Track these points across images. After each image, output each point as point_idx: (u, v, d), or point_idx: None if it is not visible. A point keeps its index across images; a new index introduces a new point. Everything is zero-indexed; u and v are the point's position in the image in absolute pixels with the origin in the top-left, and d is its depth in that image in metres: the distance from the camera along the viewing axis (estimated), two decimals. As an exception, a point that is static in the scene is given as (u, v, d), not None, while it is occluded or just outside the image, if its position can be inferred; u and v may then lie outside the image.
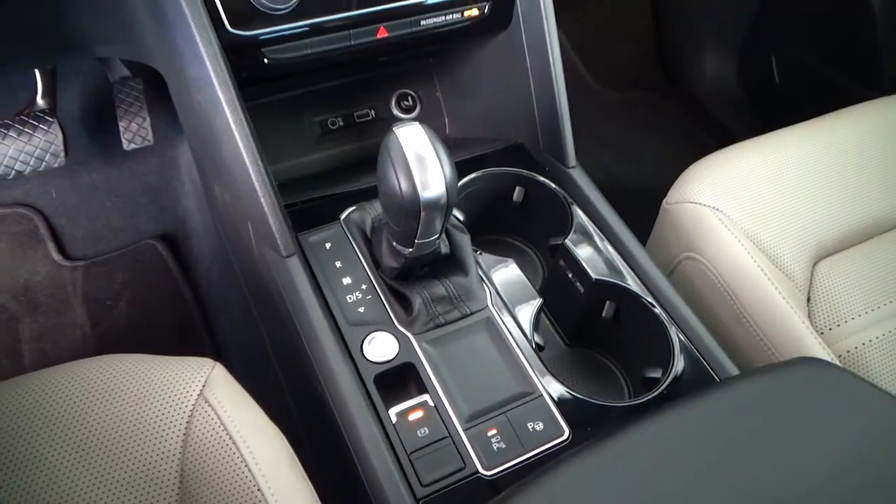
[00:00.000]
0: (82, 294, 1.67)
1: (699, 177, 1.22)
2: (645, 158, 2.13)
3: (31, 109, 1.62)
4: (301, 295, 0.93)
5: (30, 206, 1.75)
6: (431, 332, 0.92)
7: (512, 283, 1.00)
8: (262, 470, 0.79)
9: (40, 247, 1.71)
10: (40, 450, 0.79)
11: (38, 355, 1.58)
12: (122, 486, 0.78)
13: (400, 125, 0.79)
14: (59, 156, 1.62)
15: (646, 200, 1.36)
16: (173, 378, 0.86)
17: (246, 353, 1.57)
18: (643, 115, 2.26)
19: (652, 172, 2.05)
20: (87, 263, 1.71)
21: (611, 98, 2.26)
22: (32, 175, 1.74)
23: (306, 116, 1.30)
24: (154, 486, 0.79)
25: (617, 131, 2.19)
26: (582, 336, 1.08)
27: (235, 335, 1.63)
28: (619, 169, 2.08)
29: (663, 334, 0.97)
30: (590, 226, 1.08)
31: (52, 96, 1.65)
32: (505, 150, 1.22)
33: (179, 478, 0.80)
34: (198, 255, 1.76)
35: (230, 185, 1.04)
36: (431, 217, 0.80)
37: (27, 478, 0.76)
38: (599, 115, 2.22)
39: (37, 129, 1.59)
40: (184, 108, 1.22)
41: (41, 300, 1.66)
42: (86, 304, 1.66)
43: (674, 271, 1.22)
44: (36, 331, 1.61)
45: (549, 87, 1.14)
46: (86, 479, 0.77)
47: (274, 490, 0.78)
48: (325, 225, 1.03)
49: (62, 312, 1.64)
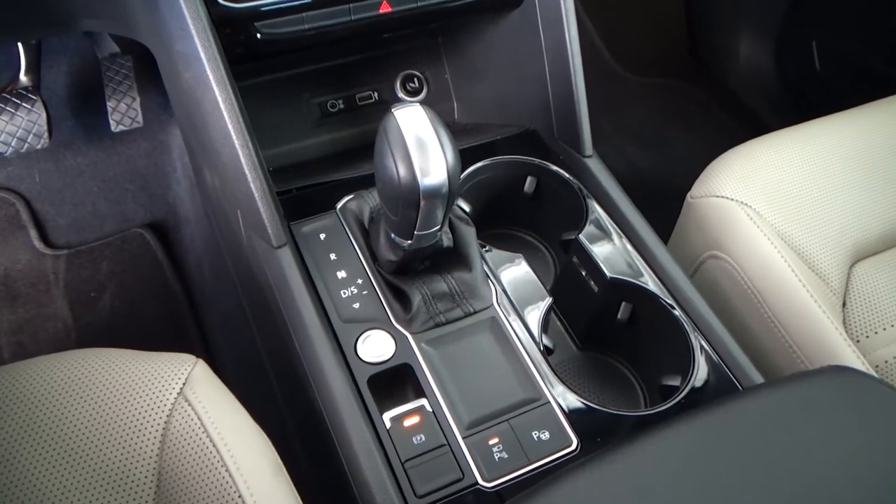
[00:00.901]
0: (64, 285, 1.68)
1: (727, 169, 1.21)
2: (669, 148, 2.11)
3: (14, 87, 1.62)
4: (292, 288, 0.93)
5: (11, 189, 1.76)
6: (431, 331, 0.92)
7: (520, 281, 0.99)
8: (243, 476, 0.79)
9: (21, 233, 1.72)
10: (9, 445, 0.79)
11: (15, 348, 1.59)
12: (94, 487, 0.78)
13: (400, 106, 0.79)
14: (42, 137, 1.62)
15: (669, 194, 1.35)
16: (152, 375, 0.86)
17: (237, 350, 1.57)
18: (669, 102, 2.24)
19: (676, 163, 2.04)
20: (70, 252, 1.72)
21: (634, 83, 2.25)
22: (14, 157, 1.75)
23: (304, 98, 1.29)
24: (129, 488, 0.79)
25: (640, 119, 2.17)
26: (595, 339, 1.07)
27: (226, 331, 1.63)
28: (641, 159, 2.07)
29: (683, 339, 0.96)
30: (606, 220, 1.07)
31: (36, 73, 1.66)
32: (516, 136, 1.21)
33: (156, 480, 0.80)
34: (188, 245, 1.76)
35: (219, 170, 1.04)
36: (432, 206, 0.80)
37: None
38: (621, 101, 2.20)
39: (19, 107, 1.60)
40: (173, 86, 1.22)
41: (21, 290, 1.66)
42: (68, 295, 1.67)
43: (697, 271, 1.21)
44: (14, 323, 1.62)
45: (564, 68, 1.13)
46: (57, 478, 0.78)
47: (256, 497, 0.78)
48: (319, 214, 1.03)
49: (43, 304, 1.65)
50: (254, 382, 1.38)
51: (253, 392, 1.09)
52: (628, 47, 2.25)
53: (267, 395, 1.29)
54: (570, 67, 1.12)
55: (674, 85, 2.28)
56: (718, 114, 2.23)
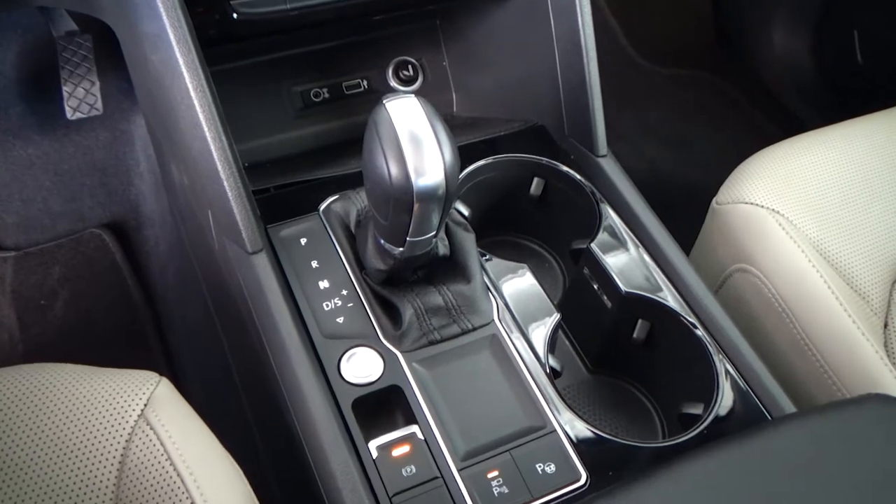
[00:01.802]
0: (11, 291, 1.68)
1: (758, 172, 1.21)
2: (693, 148, 2.12)
3: (-43, 68, 1.62)
4: (268, 299, 0.93)
5: (-49, 183, 1.76)
6: (424, 349, 0.92)
7: (524, 294, 0.99)
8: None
9: (-38, 233, 1.72)
10: (-54, 476, 0.79)
11: (-45, 363, 1.59)
12: (42, 524, 0.78)
13: (391, 97, 0.79)
14: (-12, 124, 1.62)
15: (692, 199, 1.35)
16: (109, 394, 0.86)
17: (204, 368, 1.57)
18: (694, 97, 2.25)
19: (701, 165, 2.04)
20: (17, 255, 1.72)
21: (655, 74, 2.26)
22: (-44, 146, 1.74)
23: (284, 86, 1.30)
24: (81, 525, 0.79)
25: (660, 114, 2.18)
26: (607, 361, 1.08)
27: (193, 346, 1.63)
28: (661, 160, 2.08)
29: (706, 362, 0.96)
30: (622, 227, 1.08)
31: (-17, 53, 1.66)
32: (522, 132, 1.21)
33: (112, 515, 0.80)
34: (151, 248, 1.76)
35: (188, 165, 1.04)
36: (427, 210, 0.80)
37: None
38: (641, 94, 2.21)
39: (-37, 91, 1.60)
40: (137, 70, 1.22)
41: (-38, 297, 1.66)
42: (15, 302, 1.66)
43: (722, 286, 1.21)
44: (-46, 333, 1.62)
45: (577, 56, 1.13)
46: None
47: (225, 534, 0.78)
48: (300, 216, 1.03)
49: (-14, 312, 1.65)
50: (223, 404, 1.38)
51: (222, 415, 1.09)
52: (649, 34, 2.26)
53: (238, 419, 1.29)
54: (584, 56, 1.13)
55: (699, 77, 2.28)
56: (748, 110, 2.24)
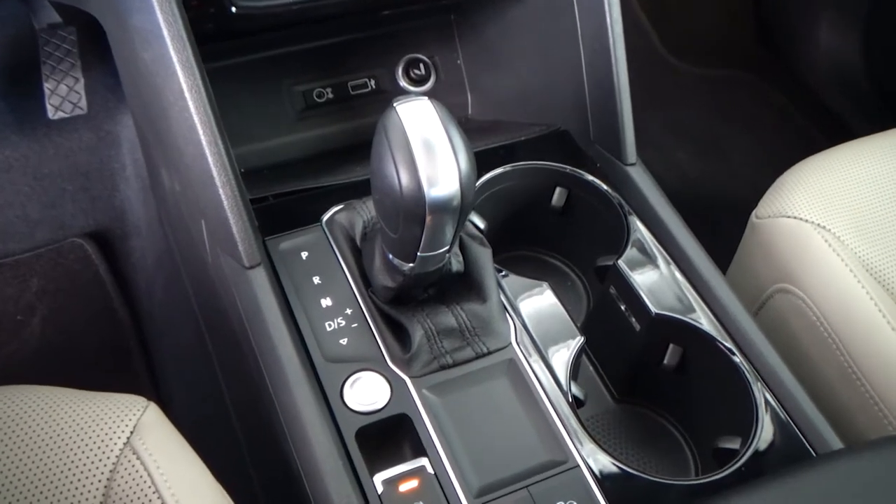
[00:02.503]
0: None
1: (801, 183, 1.21)
2: (731, 156, 2.11)
3: (-69, 62, 1.64)
4: (265, 318, 0.93)
5: (-79, 187, 1.77)
6: (435, 374, 0.92)
7: (545, 315, 0.99)
8: (201, 547, 0.79)
9: (-67, 242, 1.73)
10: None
11: (-77, 382, 1.60)
12: (18, 560, 0.78)
13: (403, 99, 0.80)
14: (-37, 124, 1.64)
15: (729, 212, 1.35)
16: (92, 420, 0.86)
17: (194, 392, 1.57)
18: (731, 99, 2.25)
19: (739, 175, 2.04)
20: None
21: (691, 76, 2.26)
22: (-73, 147, 1.76)
23: (285, 85, 1.31)
24: (60, 562, 0.79)
25: (696, 119, 2.18)
26: (635, 389, 1.07)
27: (182, 368, 1.63)
28: (696, 168, 2.07)
29: (744, 391, 0.96)
30: (652, 243, 1.08)
31: (-41, 46, 1.67)
32: (544, 138, 1.21)
33: (94, 552, 0.81)
34: (138, 260, 1.77)
35: (180, 171, 1.05)
36: (440, 223, 0.80)
37: None
38: (673, 96, 2.21)
39: (-64, 88, 1.61)
40: (126, 67, 1.23)
41: (-69, 311, 1.67)
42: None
43: (762, 308, 1.21)
44: (-77, 350, 1.63)
45: (604, 56, 1.14)
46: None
47: (216, 574, 0.78)
48: (301, 228, 1.04)
49: (-42, 328, 1.66)
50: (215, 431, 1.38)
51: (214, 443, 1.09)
52: (682, 30, 2.27)
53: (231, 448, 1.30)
54: (612, 54, 1.13)
55: (737, 77, 2.28)
56: (791, 115, 2.23)
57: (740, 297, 1.03)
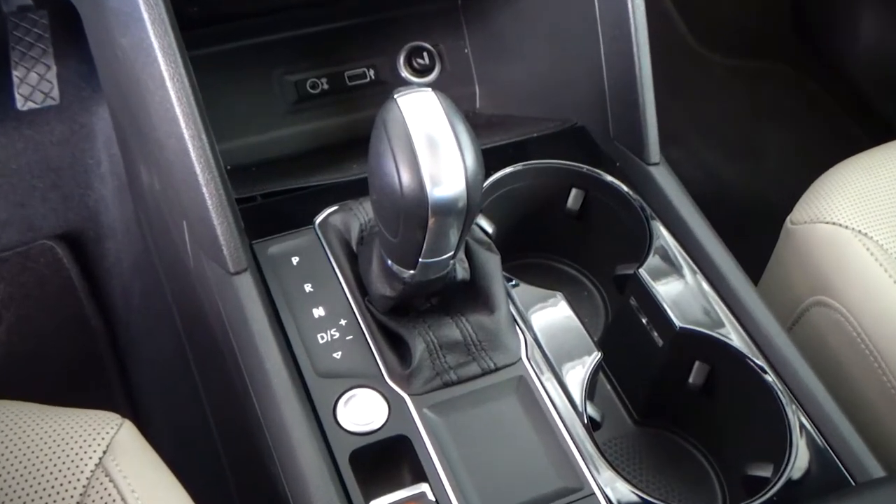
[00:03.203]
0: (-54, 313, 1.69)
1: (841, 185, 1.21)
2: (763, 155, 2.11)
3: None
4: (252, 329, 0.94)
5: None
6: (437, 392, 0.92)
7: (559, 328, 0.99)
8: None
9: None
10: None
11: None
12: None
13: (404, 91, 0.80)
14: (-76, 114, 1.64)
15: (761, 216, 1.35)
16: (62, 438, 0.86)
17: (173, 408, 1.58)
18: (766, 94, 2.24)
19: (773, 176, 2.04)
20: (-45, 269, 1.73)
21: (719, 66, 2.26)
22: None
23: (276, 74, 1.31)
24: None
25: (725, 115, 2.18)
26: (657, 410, 1.07)
27: (160, 383, 1.63)
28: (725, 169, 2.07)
29: (777, 413, 0.95)
30: (676, 250, 1.08)
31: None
32: (559, 134, 1.22)
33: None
34: (113, 264, 1.77)
35: (161, 167, 1.05)
36: (444, 226, 0.80)
37: None
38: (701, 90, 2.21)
39: None
40: (103, 54, 1.23)
41: None
42: (-50, 327, 1.68)
43: (797, 322, 1.21)
44: None
45: (626, 45, 1.14)
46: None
47: None
48: (292, 231, 1.04)
49: (-84, 337, 1.66)
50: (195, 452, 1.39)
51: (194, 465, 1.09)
52: (711, 18, 2.27)
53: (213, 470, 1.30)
54: (634, 43, 1.13)
55: (772, 71, 2.28)
56: (830, 110, 2.23)
57: (773, 310, 1.03)
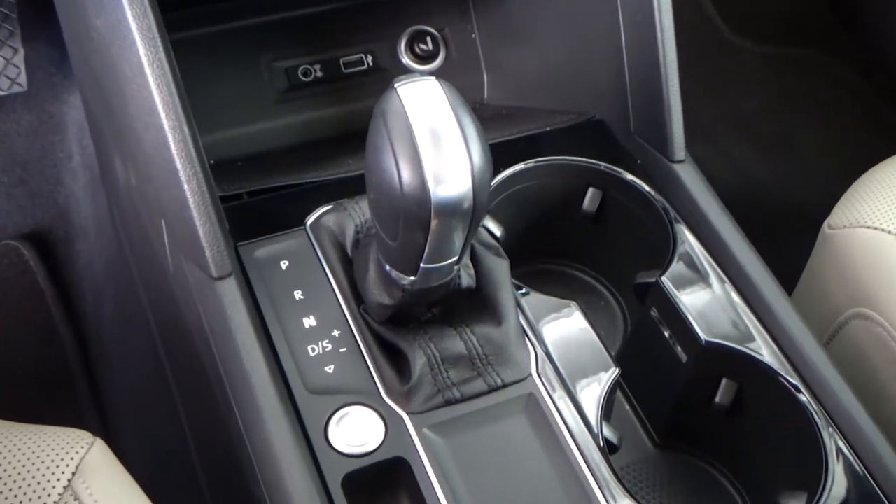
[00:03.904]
0: None
1: (884, 187, 1.21)
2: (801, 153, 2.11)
3: None
4: (236, 340, 0.94)
5: None
6: (439, 411, 0.92)
7: (573, 341, 0.99)
8: None
9: None
10: None
11: None
12: None
13: (406, 80, 0.80)
14: None
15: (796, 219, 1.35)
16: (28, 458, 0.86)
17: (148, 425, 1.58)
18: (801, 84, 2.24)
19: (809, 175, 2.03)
20: (-89, 271, 1.74)
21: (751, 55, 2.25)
22: None
23: (265, 60, 1.31)
24: None
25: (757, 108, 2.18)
26: (680, 432, 1.07)
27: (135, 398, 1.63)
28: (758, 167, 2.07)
29: (812, 437, 0.95)
30: (703, 256, 1.08)
31: None
32: (574, 128, 1.22)
33: None
34: (84, 267, 1.77)
35: (138, 162, 1.05)
36: (447, 228, 0.80)
37: None
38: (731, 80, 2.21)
39: None
40: (75, 37, 1.24)
41: None
42: None
43: (835, 336, 1.21)
44: None
45: (649, 31, 1.14)
46: None
47: None
48: (281, 232, 1.04)
49: None
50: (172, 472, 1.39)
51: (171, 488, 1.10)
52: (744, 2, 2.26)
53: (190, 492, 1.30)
54: (658, 29, 1.13)
55: (807, 58, 2.28)
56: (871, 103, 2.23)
57: (809, 322, 1.03)
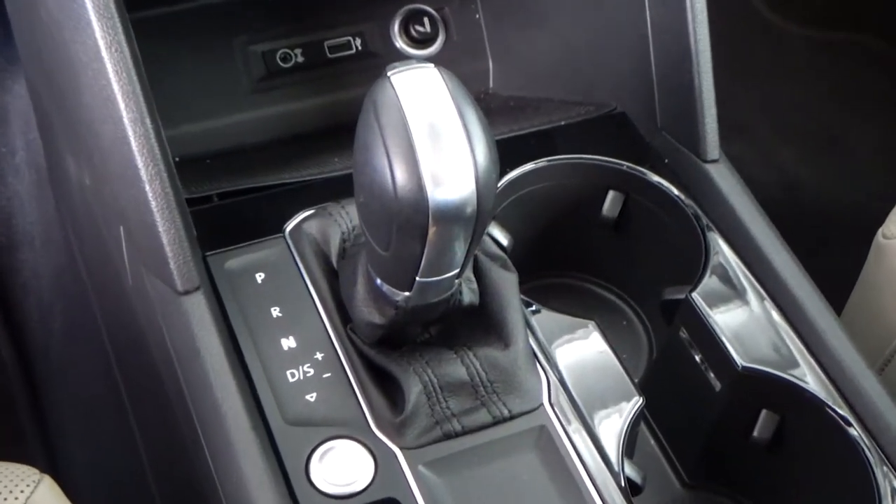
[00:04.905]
0: None
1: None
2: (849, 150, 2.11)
3: None
4: (205, 362, 0.94)
5: None
6: (437, 445, 0.92)
7: (590, 367, 0.99)
8: None
9: None
10: None
11: None
12: None
13: (400, 67, 0.80)
14: None
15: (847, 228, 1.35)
16: (-35, 499, 0.87)
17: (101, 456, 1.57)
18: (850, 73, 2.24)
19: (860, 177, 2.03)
20: None
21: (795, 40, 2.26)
22: None
23: (238, 44, 1.32)
24: None
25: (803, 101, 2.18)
26: (713, 470, 1.08)
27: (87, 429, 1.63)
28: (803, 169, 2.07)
29: (863, 476, 0.96)
30: (739, 270, 1.08)
31: None
32: (592, 122, 1.22)
33: None
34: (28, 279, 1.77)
35: (93, 160, 1.05)
36: (447, 237, 0.81)
37: None
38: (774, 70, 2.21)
39: None
40: (22, 17, 1.24)
41: None
42: None
43: (892, 361, 1.21)
44: None
45: (678, 13, 1.14)
46: None
47: None
48: (256, 241, 1.04)
49: None
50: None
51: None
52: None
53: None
54: (688, 10, 1.14)
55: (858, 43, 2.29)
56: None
57: (861, 346, 1.04)
